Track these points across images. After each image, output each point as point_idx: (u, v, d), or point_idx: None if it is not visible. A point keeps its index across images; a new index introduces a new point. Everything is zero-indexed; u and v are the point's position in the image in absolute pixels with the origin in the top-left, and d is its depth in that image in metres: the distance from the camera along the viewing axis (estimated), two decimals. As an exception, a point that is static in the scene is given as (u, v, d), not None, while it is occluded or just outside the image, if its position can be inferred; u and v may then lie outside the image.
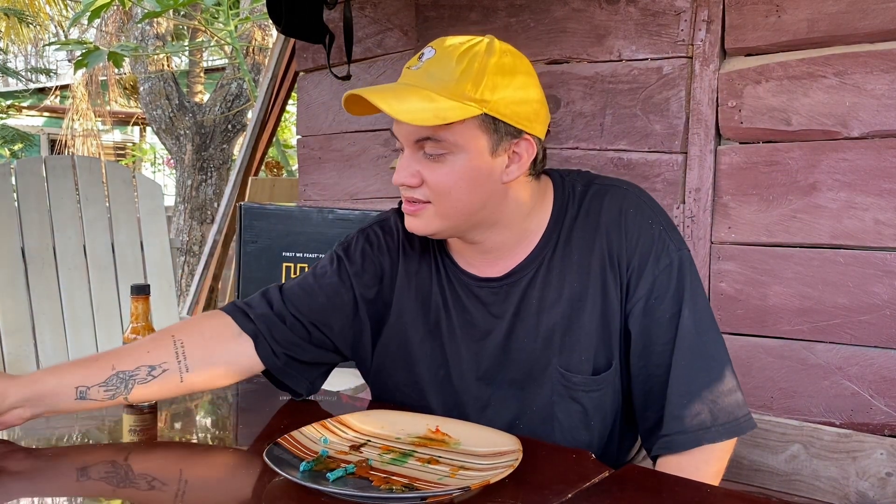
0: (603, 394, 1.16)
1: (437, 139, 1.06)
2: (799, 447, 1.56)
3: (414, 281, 1.23)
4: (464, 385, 1.21)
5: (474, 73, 1.05)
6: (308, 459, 0.95)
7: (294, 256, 2.32)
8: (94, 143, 10.95)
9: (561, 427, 1.17)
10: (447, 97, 1.04)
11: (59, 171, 2.62)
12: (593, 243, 1.15)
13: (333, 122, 2.82)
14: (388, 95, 1.05)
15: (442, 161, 1.07)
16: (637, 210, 1.15)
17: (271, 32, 5.76)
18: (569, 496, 0.89)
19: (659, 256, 1.13)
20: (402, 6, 2.56)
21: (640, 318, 1.13)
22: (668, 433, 1.11)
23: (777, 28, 1.76)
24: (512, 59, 1.10)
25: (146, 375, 1.11)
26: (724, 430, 1.10)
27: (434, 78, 1.06)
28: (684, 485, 0.97)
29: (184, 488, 0.96)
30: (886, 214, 1.65)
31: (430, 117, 1.02)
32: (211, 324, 1.20)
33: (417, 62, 1.09)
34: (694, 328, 1.12)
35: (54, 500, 0.93)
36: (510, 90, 1.08)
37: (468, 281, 1.20)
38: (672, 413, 1.11)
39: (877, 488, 1.47)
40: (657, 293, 1.12)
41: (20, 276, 2.51)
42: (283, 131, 9.13)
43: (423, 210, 1.11)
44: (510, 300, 1.17)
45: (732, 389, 1.12)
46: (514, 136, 1.09)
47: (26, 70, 13.25)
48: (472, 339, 1.19)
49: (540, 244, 1.17)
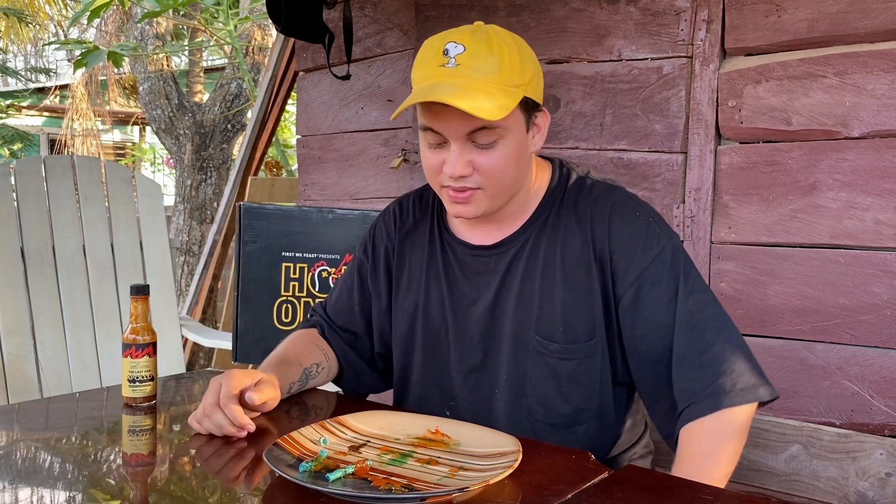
0: (577, 364, 1.20)
1: (491, 128, 1.12)
2: (799, 447, 1.55)
3: (407, 261, 1.34)
4: (451, 353, 1.28)
5: (510, 61, 1.12)
6: (307, 460, 0.95)
7: (294, 256, 2.32)
8: (94, 142, 10.93)
9: (535, 392, 1.22)
10: (500, 88, 1.10)
11: (58, 171, 2.62)
12: (577, 229, 1.20)
13: (333, 122, 2.82)
14: (458, 95, 1.08)
15: (494, 147, 1.13)
16: (623, 204, 1.21)
17: (271, 32, 5.76)
18: (568, 497, 0.89)
19: (649, 245, 1.17)
20: (401, 6, 2.56)
21: (634, 305, 1.16)
22: (684, 405, 1.11)
23: (777, 28, 1.76)
24: (517, 38, 1.18)
25: (317, 371, 1.33)
26: (743, 394, 1.10)
27: (480, 71, 1.10)
28: (684, 485, 0.97)
29: (183, 489, 0.96)
30: (886, 214, 1.64)
31: (496, 111, 1.08)
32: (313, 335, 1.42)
33: (447, 59, 1.12)
34: (694, 307, 1.14)
35: (53, 499, 0.93)
36: (532, 68, 1.16)
37: (461, 249, 1.28)
38: (684, 388, 1.12)
39: (877, 488, 1.47)
40: (651, 279, 1.16)
41: (20, 275, 2.50)
42: (283, 131, 9.14)
43: (474, 195, 1.16)
44: (498, 269, 1.24)
45: (746, 360, 1.12)
46: (537, 109, 1.19)
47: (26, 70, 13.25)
48: (461, 308, 1.27)
49: (531, 218, 1.24)
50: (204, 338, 2.78)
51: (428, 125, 1.14)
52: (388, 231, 1.37)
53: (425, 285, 1.31)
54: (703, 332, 1.13)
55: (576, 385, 1.21)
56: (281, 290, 2.32)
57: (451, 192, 1.17)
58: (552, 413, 1.22)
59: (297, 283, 2.32)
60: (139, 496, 0.94)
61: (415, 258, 1.33)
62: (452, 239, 1.30)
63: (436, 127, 1.13)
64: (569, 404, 1.21)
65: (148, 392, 1.27)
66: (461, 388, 1.28)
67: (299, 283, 2.32)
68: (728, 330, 1.14)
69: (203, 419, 1.10)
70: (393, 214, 1.38)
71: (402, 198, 1.41)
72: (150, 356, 1.28)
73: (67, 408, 1.38)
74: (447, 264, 1.29)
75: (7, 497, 0.91)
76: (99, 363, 2.59)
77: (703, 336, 1.13)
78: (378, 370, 1.43)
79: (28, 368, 2.48)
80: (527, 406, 1.22)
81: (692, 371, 1.11)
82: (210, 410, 1.09)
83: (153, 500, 0.92)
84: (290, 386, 1.27)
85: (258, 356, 2.25)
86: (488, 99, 1.08)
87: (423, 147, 1.19)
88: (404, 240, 1.35)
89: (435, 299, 1.30)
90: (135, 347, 1.26)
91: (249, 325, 2.32)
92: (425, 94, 1.09)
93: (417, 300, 1.32)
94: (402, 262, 1.35)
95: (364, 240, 1.42)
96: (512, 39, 1.15)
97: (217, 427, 1.09)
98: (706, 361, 1.11)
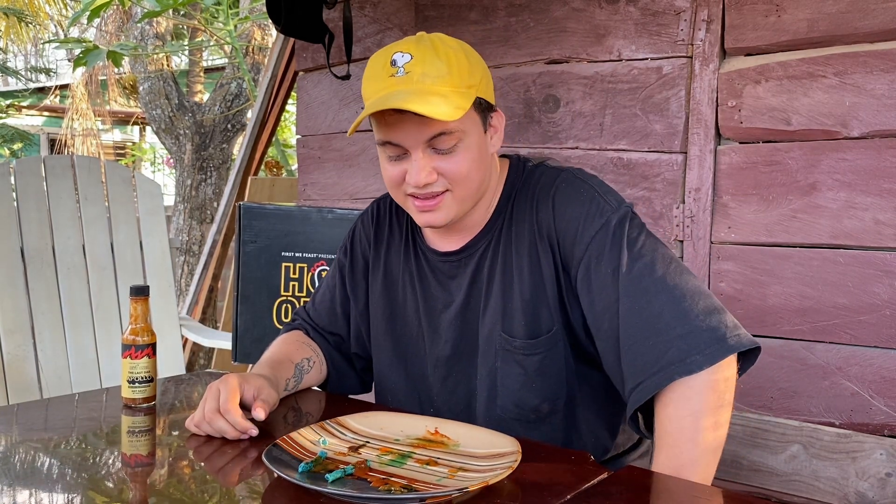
0: (543, 357, 1.19)
1: (449, 132, 1.12)
2: (798, 447, 1.55)
3: (382, 264, 1.34)
4: (427, 358, 1.29)
5: (457, 63, 1.12)
6: (307, 460, 0.95)
7: (293, 256, 2.32)
8: (94, 142, 10.93)
9: (507, 391, 1.21)
10: (452, 89, 1.10)
11: (58, 171, 2.62)
12: (525, 216, 1.20)
13: (333, 122, 2.82)
14: (412, 100, 1.07)
15: (455, 151, 1.13)
16: (567, 183, 1.19)
17: (271, 32, 5.75)
18: (567, 497, 0.89)
19: (592, 218, 1.13)
20: (401, 6, 2.56)
21: (586, 283, 1.13)
22: (634, 384, 1.04)
23: (777, 28, 1.76)
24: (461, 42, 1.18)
25: (308, 365, 1.34)
26: (704, 358, 1.00)
27: (430, 76, 1.10)
28: (682, 486, 0.97)
29: (182, 490, 0.96)
30: (886, 214, 1.64)
31: (452, 111, 1.08)
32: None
33: (395, 69, 1.11)
34: (638, 273, 1.07)
35: (52, 501, 0.93)
36: (481, 69, 1.16)
37: (431, 256, 1.28)
38: (633, 364, 1.04)
39: (876, 489, 1.47)
40: (595, 253, 1.12)
41: (19, 275, 2.50)
42: (283, 131, 9.13)
43: (443, 200, 1.16)
44: (466, 272, 1.24)
45: (708, 313, 1.03)
46: (491, 110, 1.19)
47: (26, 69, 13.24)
48: (434, 313, 1.27)
49: (492, 218, 1.24)
50: (204, 338, 2.78)
51: (386, 139, 1.14)
52: (366, 233, 1.38)
53: (401, 290, 1.31)
54: (650, 300, 1.05)
55: (544, 378, 1.19)
56: (281, 290, 2.32)
57: (418, 201, 1.16)
58: (524, 410, 1.21)
59: (297, 282, 2.32)
60: (138, 497, 0.94)
61: (391, 262, 1.34)
62: (424, 244, 1.30)
63: (394, 139, 1.13)
64: (539, 398, 1.20)
65: (147, 393, 1.27)
66: (439, 393, 1.28)
67: (299, 283, 2.32)
68: (679, 290, 1.05)
69: (202, 424, 1.10)
70: (371, 216, 1.38)
71: (379, 199, 1.40)
72: (150, 357, 1.28)
73: (67, 408, 1.37)
74: (420, 270, 1.29)
75: (6, 498, 0.91)
76: (99, 364, 2.59)
77: (652, 304, 1.05)
78: (356, 371, 1.43)
79: (28, 369, 2.48)
80: (500, 406, 1.22)
81: (643, 345, 1.03)
82: (211, 416, 1.09)
83: (152, 501, 0.92)
84: (287, 383, 1.27)
85: (258, 356, 2.22)
86: (442, 101, 1.08)
87: (383, 161, 1.18)
88: (380, 243, 1.35)
89: (410, 305, 1.30)
90: (134, 348, 1.26)
91: (249, 325, 2.32)
92: (379, 104, 1.09)
93: (393, 305, 1.32)
94: (377, 265, 1.35)
95: (344, 241, 1.42)
96: (457, 43, 1.16)
97: (218, 433, 1.09)
98: (658, 328, 1.03)
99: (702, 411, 1.00)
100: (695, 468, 1.00)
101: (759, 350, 1.05)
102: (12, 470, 1.02)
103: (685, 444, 1.01)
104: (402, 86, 1.10)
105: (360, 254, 1.38)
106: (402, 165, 1.15)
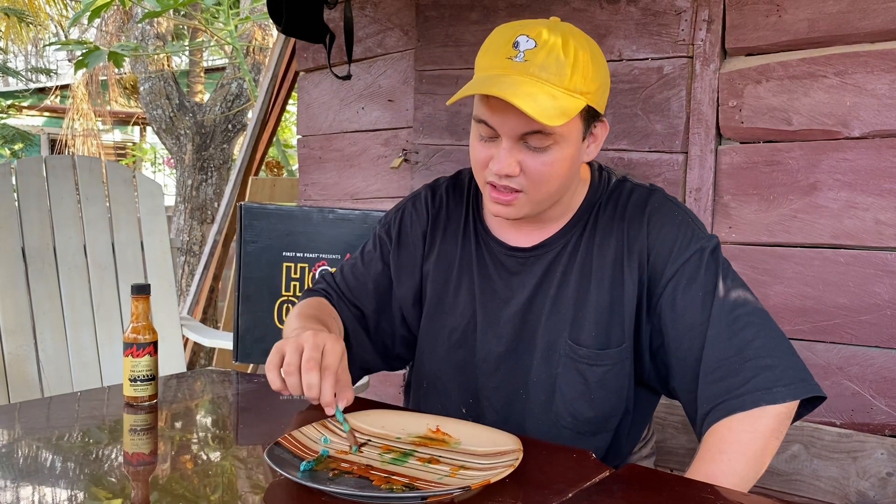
0: (607, 370, 1.18)
1: (547, 132, 1.08)
2: (799, 447, 1.56)
3: (437, 248, 1.29)
4: (477, 349, 1.25)
5: (581, 66, 1.07)
6: (308, 459, 0.95)
7: (294, 256, 2.32)
8: (95, 142, 10.94)
9: (563, 398, 1.20)
10: (565, 92, 1.06)
11: (59, 171, 2.62)
12: (614, 231, 1.18)
13: (334, 122, 2.82)
14: (520, 93, 1.04)
15: (546, 152, 1.10)
16: (661, 204, 1.19)
17: (271, 32, 5.76)
18: (569, 496, 0.89)
19: (688, 242, 1.15)
20: (402, 6, 2.56)
21: (671, 301, 1.13)
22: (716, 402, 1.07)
23: (777, 28, 1.76)
24: (592, 42, 1.12)
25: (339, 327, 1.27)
26: (788, 391, 1.05)
27: (547, 71, 1.06)
28: (685, 484, 0.97)
29: (184, 488, 0.96)
30: (887, 214, 1.64)
31: (557, 115, 1.04)
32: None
33: (516, 52, 1.07)
34: (733, 301, 1.11)
35: (55, 499, 0.93)
36: (602, 76, 1.11)
37: (497, 248, 1.24)
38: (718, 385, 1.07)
39: (877, 488, 1.47)
40: (688, 275, 1.13)
41: (20, 275, 2.50)
42: (284, 131, 9.13)
43: (517, 199, 1.13)
44: (534, 271, 1.21)
45: (789, 356, 1.08)
46: (598, 118, 1.14)
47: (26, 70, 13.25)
48: (492, 306, 1.24)
49: (571, 222, 1.21)
50: (205, 337, 2.78)
51: (482, 118, 1.10)
52: (419, 217, 1.33)
53: (456, 278, 1.27)
54: (743, 328, 1.09)
55: (605, 391, 1.18)
56: (282, 290, 2.32)
57: (494, 191, 1.14)
58: (579, 420, 1.20)
59: (298, 282, 2.32)
60: (140, 495, 0.94)
61: (446, 249, 1.29)
62: (488, 235, 1.26)
63: (491, 122, 1.09)
64: (595, 411, 1.19)
65: (149, 391, 1.27)
66: (484, 386, 1.25)
67: (300, 283, 2.32)
68: (770, 326, 1.10)
69: (294, 373, 1.02)
70: (425, 201, 1.33)
71: (433, 184, 1.36)
72: (151, 355, 1.28)
73: (68, 407, 1.38)
74: (481, 260, 1.26)
75: (8, 496, 0.91)
76: (100, 362, 2.59)
77: (744, 331, 1.09)
78: (378, 350, 1.37)
79: (29, 368, 2.48)
80: (555, 412, 1.20)
81: (729, 367, 1.07)
82: (310, 367, 1.01)
83: (154, 499, 0.93)
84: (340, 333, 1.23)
85: (259, 356, 2.25)
86: (550, 102, 1.04)
87: (474, 138, 1.14)
88: (437, 229, 1.31)
89: (465, 293, 1.26)
90: (136, 347, 1.26)
91: (250, 325, 2.31)
92: (487, 85, 1.05)
93: (445, 291, 1.28)
94: (433, 250, 1.31)
95: (387, 221, 1.36)
96: (587, 42, 1.10)
97: (307, 387, 1.01)
98: (747, 356, 1.07)
99: (764, 435, 1.04)
100: (743, 482, 1.03)
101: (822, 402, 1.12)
102: (15, 467, 1.02)
103: (738, 458, 1.04)
104: (516, 73, 1.06)
105: (410, 238, 1.32)
106: (490, 149, 1.11)
